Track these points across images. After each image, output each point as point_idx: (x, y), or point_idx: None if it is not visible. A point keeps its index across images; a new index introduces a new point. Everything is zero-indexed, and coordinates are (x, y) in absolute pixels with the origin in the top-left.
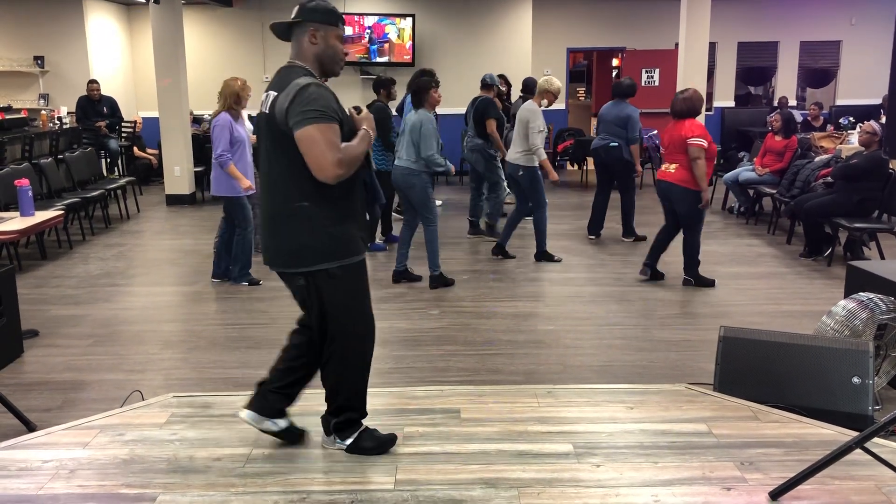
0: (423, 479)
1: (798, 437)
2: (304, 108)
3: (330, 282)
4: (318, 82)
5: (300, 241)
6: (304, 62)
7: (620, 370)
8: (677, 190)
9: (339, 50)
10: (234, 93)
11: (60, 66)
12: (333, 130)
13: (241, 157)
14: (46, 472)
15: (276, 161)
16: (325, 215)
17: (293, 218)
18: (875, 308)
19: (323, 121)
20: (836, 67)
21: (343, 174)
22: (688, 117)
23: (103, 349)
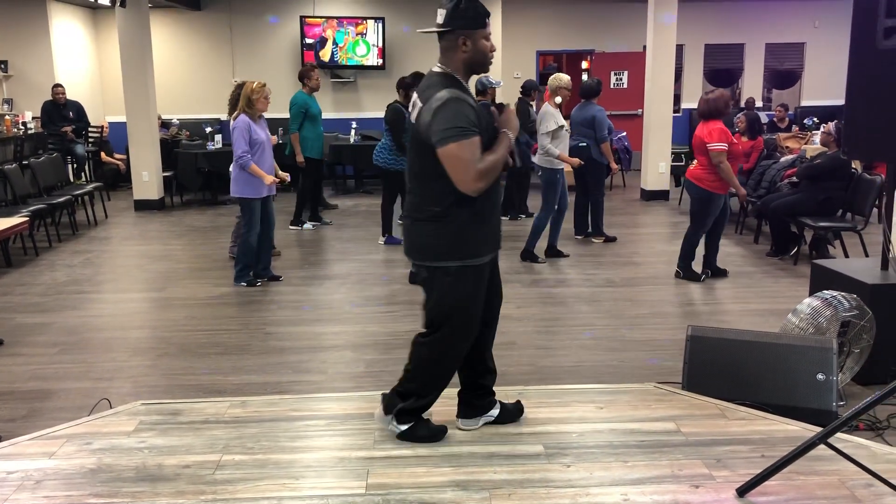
0: (394, 482)
1: (764, 434)
2: (446, 126)
3: (446, 279)
4: (456, 96)
5: (427, 238)
6: (452, 67)
7: (591, 370)
8: (694, 186)
9: (487, 50)
10: (245, 95)
11: (24, 70)
12: (473, 145)
13: (262, 158)
14: (11, 483)
15: (416, 165)
16: (452, 219)
17: (424, 218)
18: (839, 306)
19: (463, 137)
20: (801, 69)
21: (484, 186)
22: (712, 118)
23: (70, 357)
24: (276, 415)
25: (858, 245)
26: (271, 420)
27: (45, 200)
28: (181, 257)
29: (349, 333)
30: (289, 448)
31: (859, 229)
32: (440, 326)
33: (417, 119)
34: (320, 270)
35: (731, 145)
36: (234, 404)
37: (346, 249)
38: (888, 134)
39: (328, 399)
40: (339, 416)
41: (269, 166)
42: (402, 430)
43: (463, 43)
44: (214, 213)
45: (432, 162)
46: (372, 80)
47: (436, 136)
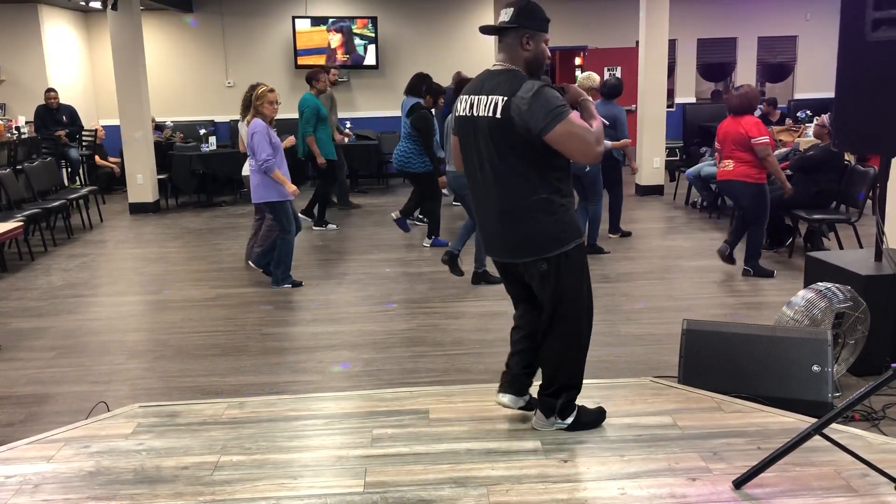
0: (392, 480)
1: (760, 426)
2: (549, 109)
3: (567, 263)
4: (545, 84)
5: (540, 229)
6: (516, 65)
7: (587, 365)
8: (738, 185)
9: (546, 55)
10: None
11: (17, 74)
12: (578, 118)
13: (282, 163)
14: (10, 487)
15: (505, 160)
16: (557, 204)
17: (530, 210)
18: (833, 297)
19: (567, 114)
20: (793, 62)
21: (602, 149)
22: (744, 113)
23: (67, 361)
24: (274, 415)
25: (853, 237)
26: (269, 420)
27: (40, 205)
28: (177, 260)
29: (346, 333)
30: (286, 448)
31: (853, 221)
32: (569, 315)
33: (505, 112)
34: (317, 270)
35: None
36: (231, 405)
37: (344, 249)
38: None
39: (325, 399)
40: (336, 415)
41: (286, 172)
42: (568, 422)
43: (526, 42)
44: (210, 215)
45: (531, 152)
46: (366, 80)
47: (540, 123)
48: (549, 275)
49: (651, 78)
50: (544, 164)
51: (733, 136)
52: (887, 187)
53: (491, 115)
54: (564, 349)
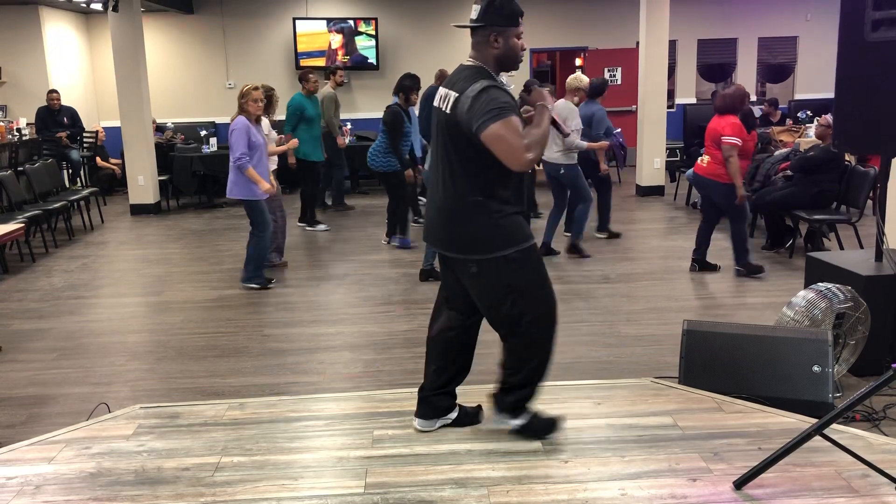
0: (393, 481)
1: (761, 427)
2: (485, 108)
3: (509, 266)
4: (493, 84)
5: (474, 231)
6: (484, 62)
7: (588, 366)
8: (711, 183)
9: (518, 48)
10: (241, 95)
11: (18, 76)
12: (514, 122)
13: (260, 161)
14: (11, 488)
15: (451, 158)
16: (494, 209)
17: (467, 210)
18: (833, 298)
19: (503, 116)
20: (794, 62)
21: (534, 157)
22: (727, 113)
23: (68, 362)
24: (275, 416)
25: (853, 237)
26: (270, 421)
27: (41, 206)
28: (178, 261)
29: (346, 334)
30: (287, 449)
31: (854, 221)
32: (522, 318)
33: (453, 110)
34: (317, 271)
35: (744, 142)
36: (232, 406)
37: (343, 250)
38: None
39: (326, 399)
40: (337, 416)
41: (265, 171)
42: (518, 423)
43: (494, 39)
44: (211, 216)
45: (472, 151)
46: (366, 81)
47: (476, 122)
48: (481, 277)
49: (651, 78)
50: (485, 166)
51: (712, 133)
52: (887, 187)
53: (445, 110)
54: (522, 351)
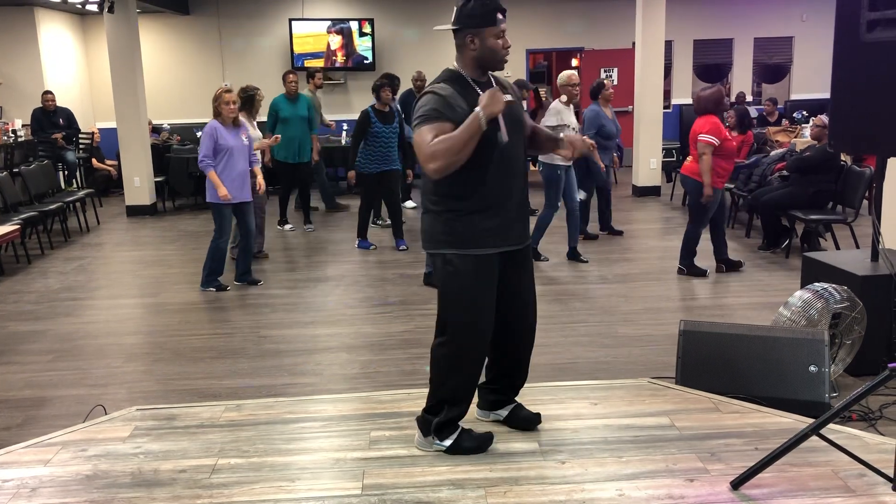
0: (391, 482)
1: (758, 427)
2: (415, 115)
3: (445, 266)
4: (433, 89)
5: (428, 227)
6: (463, 66)
7: (585, 367)
8: (688, 181)
9: (498, 47)
10: (214, 98)
11: (13, 77)
12: (432, 129)
13: (228, 165)
14: (7, 491)
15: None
16: (450, 208)
17: (427, 207)
18: (830, 298)
19: (424, 123)
20: (790, 63)
21: (439, 166)
22: (704, 113)
23: (65, 364)
24: (272, 418)
25: (849, 237)
26: (267, 423)
27: (37, 208)
28: (174, 262)
29: (343, 335)
30: (284, 450)
31: (850, 221)
32: (447, 325)
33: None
34: (313, 272)
35: (723, 142)
36: (229, 408)
37: (340, 251)
38: (874, 126)
39: (323, 401)
40: (334, 417)
41: (239, 174)
42: (447, 445)
43: (471, 41)
44: (207, 217)
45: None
46: (362, 82)
47: (412, 126)
48: (437, 275)
49: (647, 79)
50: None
51: (693, 133)
52: (883, 188)
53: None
54: (444, 361)
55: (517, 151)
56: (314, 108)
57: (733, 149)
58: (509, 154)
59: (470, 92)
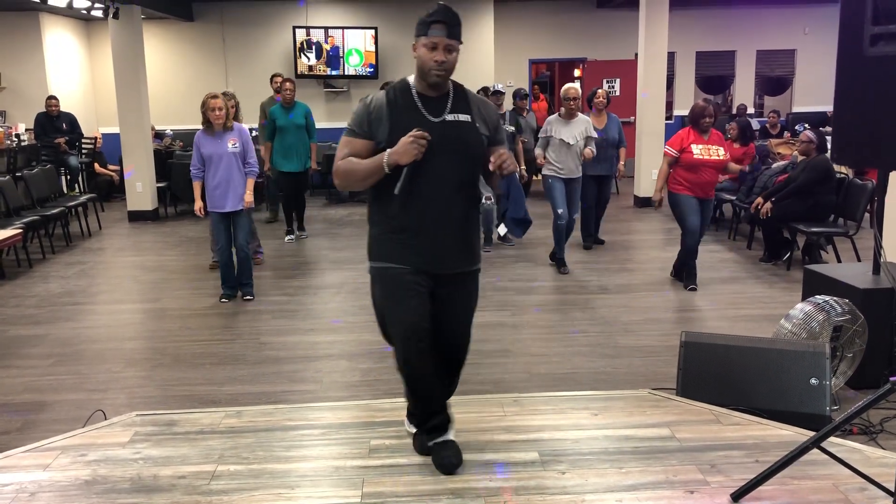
0: (390, 491)
1: (758, 439)
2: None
3: (371, 278)
4: (367, 99)
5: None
6: (415, 74)
7: (585, 377)
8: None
9: (426, 58)
10: (202, 105)
11: (17, 82)
12: (345, 144)
13: (209, 174)
14: (6, 496)
15: None
16: (374, 220)
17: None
18: (831, 310)
19: (345, 135)
20: (792, 75)
21: (339, 183)
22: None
23: (65, 369)
24: (272, 424)
25: (851, 250)
26: (266, 430)
27: (39, 212)
28: (175, 268)
29: (344, 343)
30: (284, 458)
31: (851, 234)
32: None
33: None
34: (314, 280)
35: (682, 152)
36: (229, 414)
37: (340, 259)
38: (876, 140)
39: (323, 408)
40: (334, 425)
41: (220, 182)
42: (411, 432)
43: (413, 49)
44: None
45: None
46: (365, 90)
47: None
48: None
49: (650, 90)
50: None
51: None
52: (885, 201)
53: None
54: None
55: (450, 177)
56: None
57: (694, 162)
58: (439, 180)
59: (407, 105)
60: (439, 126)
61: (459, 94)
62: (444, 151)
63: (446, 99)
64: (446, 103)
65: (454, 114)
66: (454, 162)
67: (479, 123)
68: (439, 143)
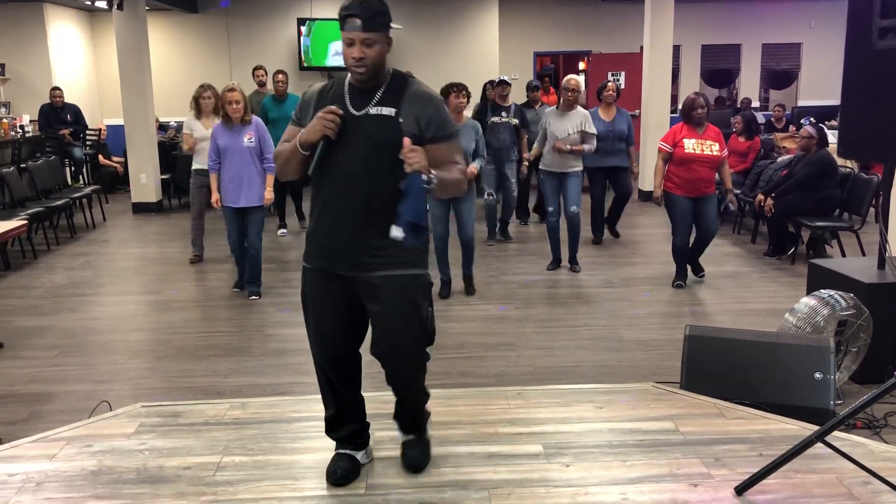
0: (394, 483)
1: (762, 433)
2: None
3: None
4: (308, 89)
5: None
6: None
7: (589, 370)
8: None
9: (345, 56)
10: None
11: (22, 73)
12: (286, 130)
13: (230, 168)
14: (12, 485)
15: None
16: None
17: None
18: (836, 305)
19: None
20: (797, 69)
21: (277, 169)
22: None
23: (70, 360)
24: (277, 416)
25: (855, 244)
26: (271, 421)
27: (43, 203)
28: (179, 260)
29: None
30: (289, 449)
31: (856, 229)
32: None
33: None
34: None
35: (675, 147)
36: (234, 406)
37: None
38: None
39: None
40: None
41: (234, 176)
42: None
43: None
44: (212, 215)
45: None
46: None
47: None
48: None
49: (655, 83)
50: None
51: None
52: (891, 196)
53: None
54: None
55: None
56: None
57: (686, 157)
58: (344, 176)
59: (336, 96)
60: (359, 119)
61: (393, 88)
62: (356, 146)
63: (375, 92)
64: (374, 96)
65: (378, 107)
66: (365, 157)
67: (405, 118)
68: (353, 137)
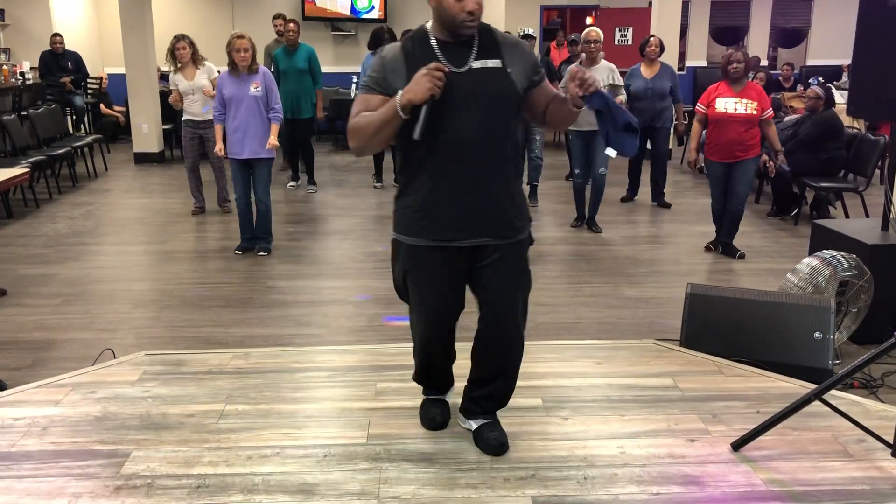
0: (396, 433)
1: (760, 391)
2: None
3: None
4: (382, 52)
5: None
6: (433, 22)
7: (590, 327)
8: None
9: (454, 10)
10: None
11: (22, 19)
12: (360, 101)
13: (234, 117)
14: (18, 429)
15: None
16: (399, 189)
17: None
18: (838, 265)
19: (361, 91)
20: (808, 27)
21: (353, 146)
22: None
23: (73, 308)
24: (279, 366)
25: (859, 206)
26: (274, 371)
27: (45, 152)
28: (182, 210)
29: (350, 288)
30: (291, 399)
31: (861, 190)
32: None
33: None
34: (320, 226)
35: (707, 107)
36: (236, 356)
37: (347, 205)
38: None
39: (330, 352)
40: (340, 368)
41: (239, 126)
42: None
43: None
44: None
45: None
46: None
47: None
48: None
49: (663, 39)
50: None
51: None
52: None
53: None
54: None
55: (476, 134)
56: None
57: (716, 116)
58: (460, 137)
59: (426, 55)
60: (465, 76)
61: (486, 38)
62: (468, 104)
63: (471, 44)
64: (471, 49)
65: (482, 60)
66: (481, 115)
67: (512, 69)
68: (460, 96)
